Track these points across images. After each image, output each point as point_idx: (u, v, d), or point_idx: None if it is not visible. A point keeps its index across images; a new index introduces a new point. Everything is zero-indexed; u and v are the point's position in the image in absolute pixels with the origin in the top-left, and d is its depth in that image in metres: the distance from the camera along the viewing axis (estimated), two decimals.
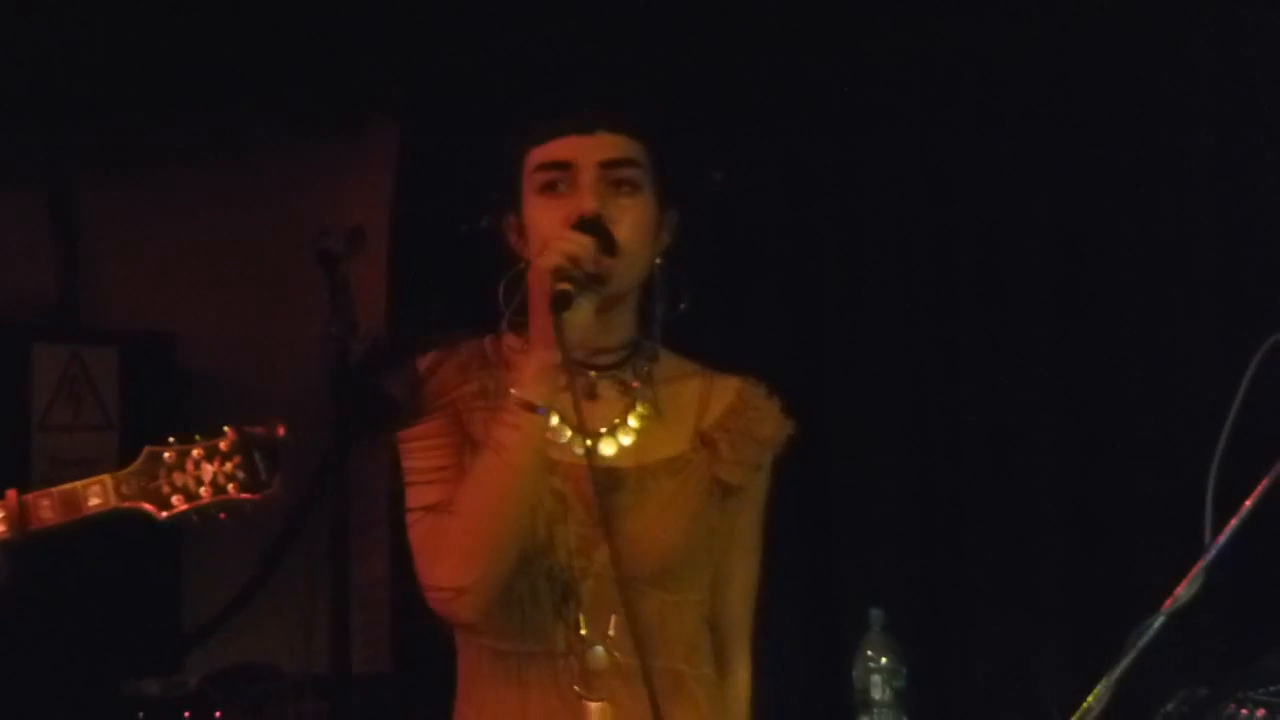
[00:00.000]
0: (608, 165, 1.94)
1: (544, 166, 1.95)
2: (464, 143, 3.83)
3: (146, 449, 2.11)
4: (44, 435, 4.29)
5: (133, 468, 2.11)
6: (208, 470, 2.08)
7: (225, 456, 2.08)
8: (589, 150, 1.94)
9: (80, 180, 4.78)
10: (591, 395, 2.00)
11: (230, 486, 2.07)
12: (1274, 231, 3.14)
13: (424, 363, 2.00)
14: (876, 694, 2.90)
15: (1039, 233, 3.39)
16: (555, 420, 1.97)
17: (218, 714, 3.66)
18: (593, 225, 1.88)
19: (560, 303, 1.81)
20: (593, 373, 2.01)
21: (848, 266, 3.59)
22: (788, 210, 3.66)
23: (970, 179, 3.47)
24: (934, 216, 3.51)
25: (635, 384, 2.02)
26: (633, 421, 2.01)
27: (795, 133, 3.64)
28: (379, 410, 1.62)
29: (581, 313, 1.86)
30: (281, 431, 2.03)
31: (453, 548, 1.89)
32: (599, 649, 1.92)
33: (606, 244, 1.88)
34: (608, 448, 1.99)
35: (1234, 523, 1.86)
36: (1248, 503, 1.87)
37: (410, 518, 1.94)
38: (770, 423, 2.07)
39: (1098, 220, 3.33)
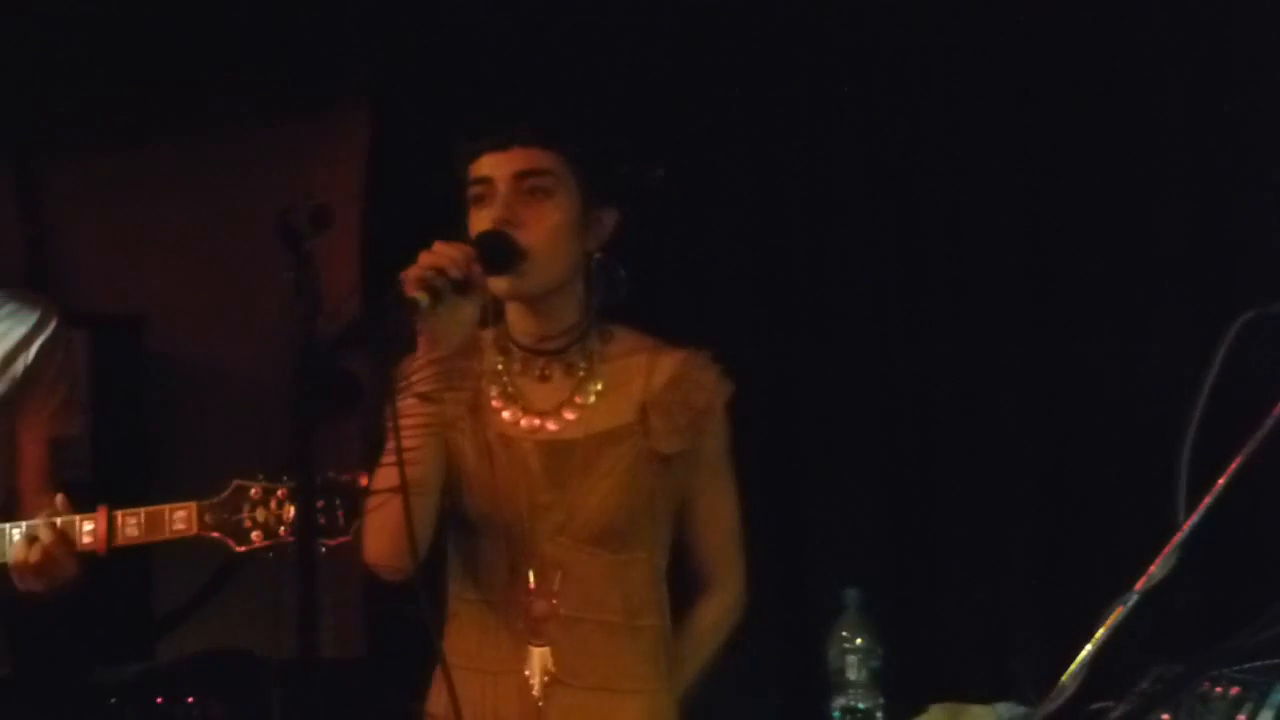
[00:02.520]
0: (520, 176, 2.19)
1: (473, 181, 2.23)
2: (436, 120, 3.81)
3: (235, 482, 2.22)
4: None
5: (219, 498, 2.22)
6: (290, 511, 2.17)
7: None
8: (504, 164, 2.20)
9: (47, 161, 4.73)
10: (543, 377, 2.28)
11: None
12: (1246, 209, 3.14)
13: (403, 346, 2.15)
14: (852, 674, 2.89)
15: (1009, 209, 3.39)
16: (513, 400, 2.26)
17: (190, 699, 3.64)
18: (486, 241, 2.13)
19: (408, 308, 2.01)
20: (542, 358, 2.27)
21: (816, 248, 3.58)
22: (756, 191, 3.64)
23: (940, 158, 3.46)
24: (903, 195, 3.50)
25: (582, 365, 2.26)
26: (581, 399, 2.25)
27: (763, 120, 3.62)
28: (344, 390, 1.63)
29: (462, 313, 2.09)
30: (365, 481, 2.11)
31: (379, 527, 2.12)
32: (542, 601, 2.20)
33: (497, 258, 2.12)
34: (557, 423, 2.25)
35: (1207, 501, 1.86)
36: (1221, 481, 1.87)
37: (375, 499, 2.11)
38: (706, 391, 2.28)
39: (1069, 194, 3.32)
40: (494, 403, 2.27)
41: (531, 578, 2.21)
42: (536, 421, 2.25)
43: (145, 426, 4.45)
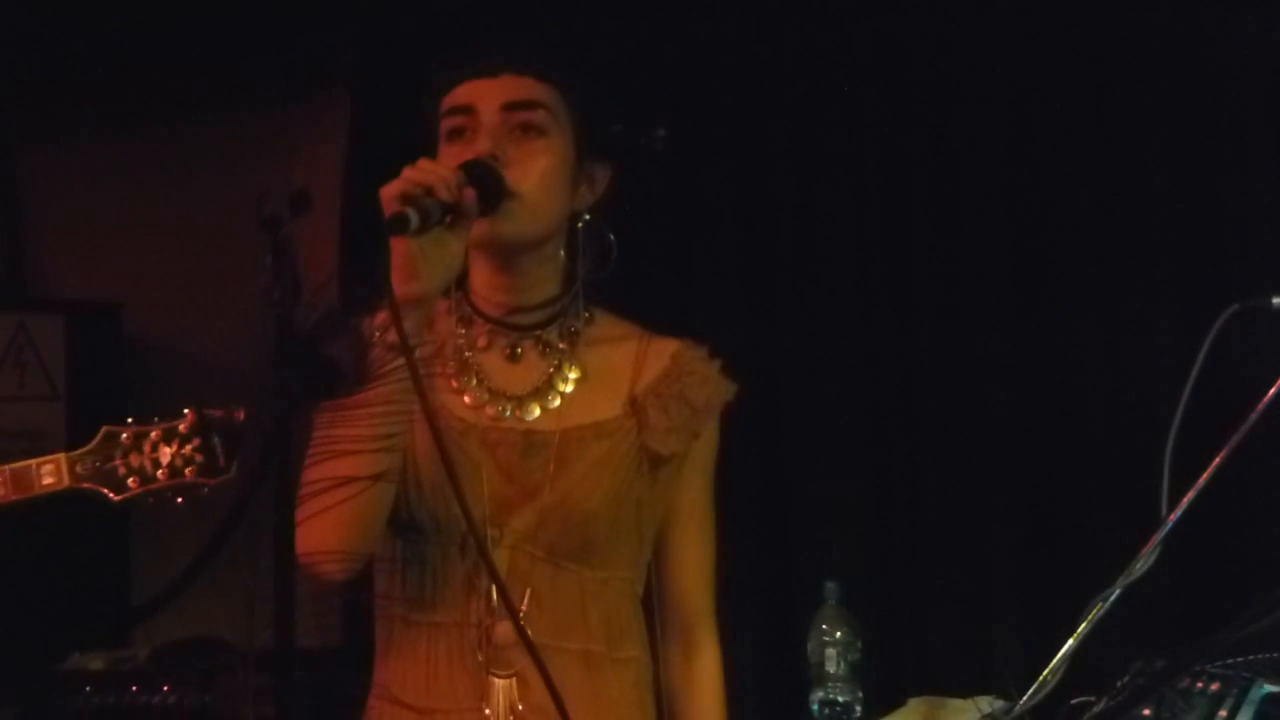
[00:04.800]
0: (510, 107, 1.86)
1: (449, 112, 1.89)
2: (416, 108, 3.79)
3: (104, 429, 2.07)
4: None
5: (88, 448, 2.07)
6: (165, 453, 2.03)
7: (184, 439, 2.03)
8: (491, 93, 1.86)
9: (25, 147, 4.71)
10: (512, 356, 1.93)
11: (187, 470, 2.02)
12: (1232, 202, 3.14)
13: (371, 326, 1.85)
14: (831, 667, 2.89)
15: (995, 205, 3.38)
16: (474, 382, 1.92)
17: (165, 688, 3.62)
18: (476, 169, 1.77)
19: (395, 225, 1.65)
20: (512, 333, 1.94)
21: (802, 236, 3.57)
22: (741, 175, 3.62)
23: (928, 150, 3.45)
24: (890, 186, 3.49)
25: (561, 345, 1.94)
26: (559, 385, 1.93)
27: (751, 91, 3.60)
28: (323, 377, 1.57)
29: (447, 249, 1.73)
30: (241, 415, 1.96)
31: (333, 518, 1.77)
32: (507, 623, 1.82)
33: (488, 191, 1.77)
34: (529, 411, 1.91)
35: (1190, 495, 1.86)
36: (1204, 475, 1.86)
37: (350, 488, 1.78)
38: (707, 387, 1.98)
39: (1055, 191, 3.32)
40: (452, 383, 1.92)
41: (494, 595, 1.83)
42: (501, 408, 1.91)
43: (123, 414, 4.42)
